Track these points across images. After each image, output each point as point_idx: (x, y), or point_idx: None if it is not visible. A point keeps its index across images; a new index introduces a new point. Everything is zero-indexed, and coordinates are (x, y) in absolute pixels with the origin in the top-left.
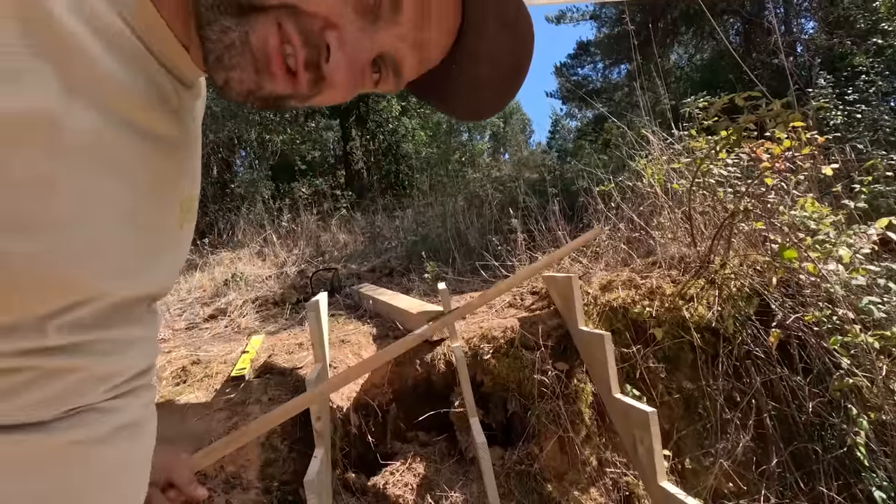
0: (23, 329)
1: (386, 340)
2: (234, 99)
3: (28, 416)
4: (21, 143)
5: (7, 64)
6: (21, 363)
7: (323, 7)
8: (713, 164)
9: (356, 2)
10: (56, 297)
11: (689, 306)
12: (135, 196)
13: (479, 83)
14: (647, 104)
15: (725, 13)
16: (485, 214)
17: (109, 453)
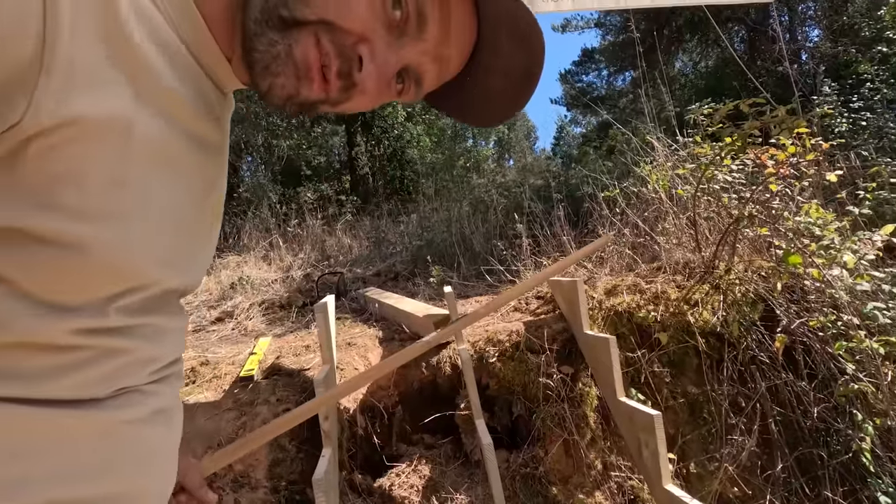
0: (89, 310)
1: (392, 343)
2: (275, 103)
3: (85, 393)
4: (102, 142)
5: (95, 78)
6: (83, 341)
7: (357, 24)
8: (718, 169)
9: (386, 19)
10: (119, 281)
11: (693, 311)
12: (184, 195)
13: (492, 94)
14: (651, 111)
15: (730, 21)
16: (490, 220)
17: (150, 433)
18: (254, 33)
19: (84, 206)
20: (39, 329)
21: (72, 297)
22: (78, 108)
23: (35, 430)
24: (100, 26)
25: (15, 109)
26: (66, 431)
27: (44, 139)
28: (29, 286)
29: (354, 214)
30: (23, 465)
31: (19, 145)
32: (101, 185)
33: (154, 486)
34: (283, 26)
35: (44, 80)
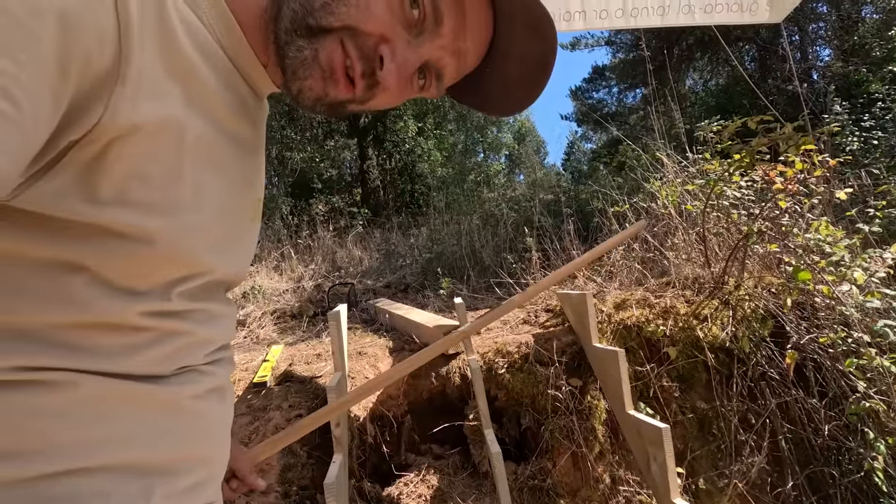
0: (155, 294)
1: (402, 353)
2: (306, 105)
3: (155, 369)
4: (161, 143)
5: (157, 88)
6: (151, 323)
7: (377, 26)
8: (727, 186)
9: (404, 19)
10: (180, 268)
11: (703, 326)
12: (228, 190)
13: (510, 82)
14: (661, 128)
15: (740, 40)
16: (500, 233)
17: (208, 409)
18: (285, 42)
19: (150, 201)
20: (115, 311)
21: (141, 283)
22: (144, 114)
23: (116, 399)
24: (159, 41)
25: (94, 113)
26: (141, 402)
27: (118, 142)
28: (106, 273)
29: (365, 227)
30: (105, 428)
31: (101, 150)
32: (162, 180)
33: (214, 455)
34: (310, 34)
35: (119, 89)
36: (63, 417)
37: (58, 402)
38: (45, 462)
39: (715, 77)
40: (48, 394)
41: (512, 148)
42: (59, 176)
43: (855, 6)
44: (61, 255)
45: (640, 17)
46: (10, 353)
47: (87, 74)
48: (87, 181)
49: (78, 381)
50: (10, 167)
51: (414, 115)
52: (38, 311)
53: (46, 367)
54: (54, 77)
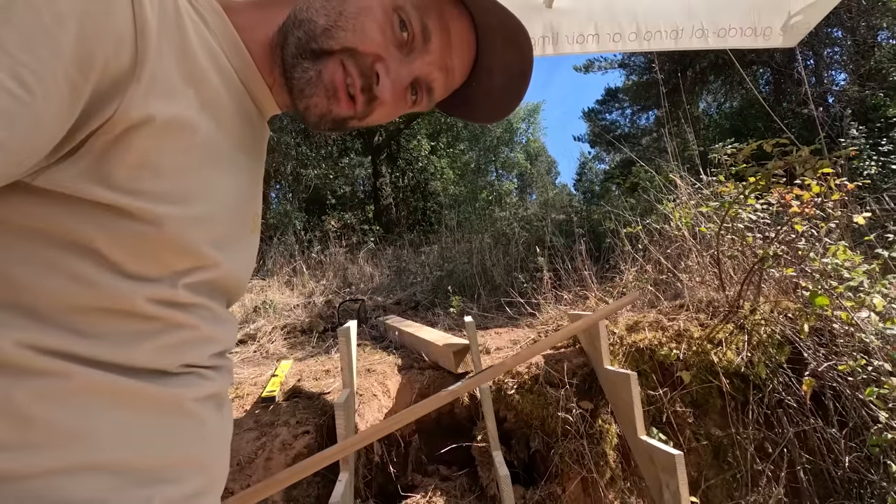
0: (163, 282)
1: (410, 371)
2: (312, 122)
3: (159, 362)
4: (172, 138)
5: (170, 88)
6: (157, 311)
7: (373, 47)
8: (742, 208)
9: (395, 40)
10: (187, 257)
11: (717, 351)
12: (235, 191)
13: (494, 92)
14: (675, 149)
15: (755, 64)
16: (511, 252)
17: (207, 415)
18: (291, 65)
19: (160, 190)
20: (122, 295)
21: (149, 268)
22: (153, 109)
23: (110, 395)
24: (176, 49)
25: (111, 107)
26: (139, 400)
27: (131, 132)
28: (116, 257)
29: (377, 243)
30: (93, 424)
31: (114, 139)
32: (172, 173)
33: (213, 465)
34: (314, 56)
35: (133, 86)
36: (52, 408)
37: (49, 391)
38: (31, 455)
39: (729, 100)
40: (40, 381)
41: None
42: (78, 161)
43: (871, 31)
44: (73, 234)
45: (654, 41)
46: (14, 328)
47: (105, 73)
48: (103, 167)
49: (71, 373)
50: (12, 142)
51: (427, 135)
52: (47, 289)
53: (46, 349)
54: (73, 74)
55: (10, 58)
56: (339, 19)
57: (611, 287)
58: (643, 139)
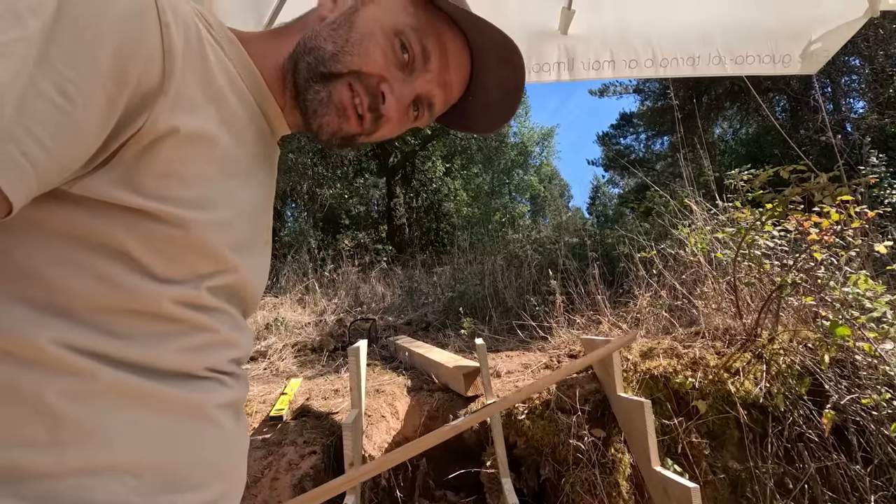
0: (187, 283)
1: (420, 393)
2: (325, 140)
3: (184, 364)
4: (195, 149)
5: (193, 104)
6: (180, 312)
7: (377, 69)
8: (759, 235)
9: (397, 61)
10: (209, 261)
11: (734, 380)
12: (254, 201)
13: (490, 106)
14: (690, 174)
15: (771, 91)
16: (523, 275)
17: (227, 423)
18: (304, 88)
19: (185, 197)
20: (149, 296)
21: (175, 270)
22: (178, 121)
23: (134, 397)
24: (198, 70)
25: (141, 119)
26: (163, 403)
27: (158, 143)
28: (145, 259)
29: (389, 263)
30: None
31: (143, 149)
32: (195, 181)
33: (232, 473)
34: (324, 79)
35: (161, 100)
36: (79, 408)
37: (77, 390)
38: (59, 454)
39: (745, 126)
40: (69, 379)
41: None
42: (111, 170)
43: (889, 60)
44: (105, 237)
45: (671, 67)
46: (49, 327)
47: (137, 88)
48: (133, 176)
49: (98, 374)
50: (55, 149)
51: (442, 156)
52: (80, 290)
53: (78, 348)
54: (110, 88)
55: (56, 73)
56: (345, 45)
57: (625, 312)
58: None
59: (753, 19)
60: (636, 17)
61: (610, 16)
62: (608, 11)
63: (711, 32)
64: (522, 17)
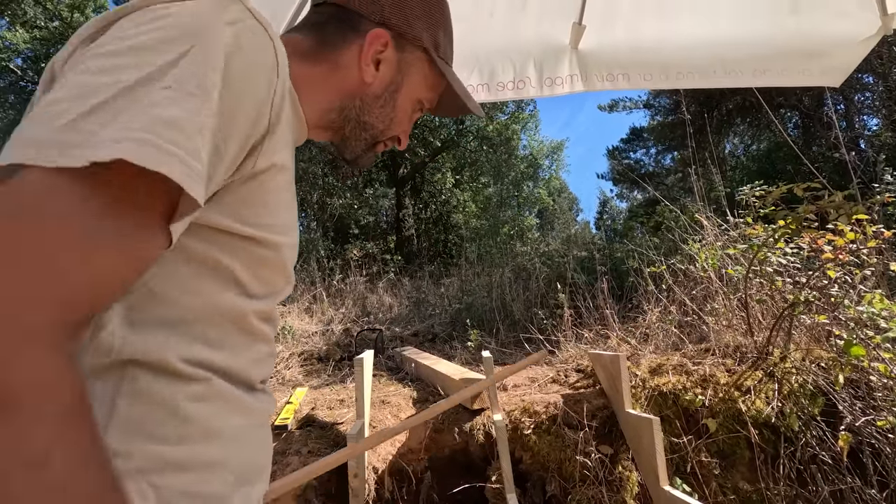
0: (265, 299)
1: (426, 405)
2: (347, 160)
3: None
4: (280, 180)
5: (283, 142)
6: (258, 326)
7: (402, 129)
8: (771, 252)
9: (415, 116)
10: (285, 278)
11: (745, 399)
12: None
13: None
14: (701, 189)
15: (783, 107)
16: (531, 288)
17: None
18: (358, 151)
19: (273, 222)
20: (243, 311)
21: (261, 287)
22: (276, 159)
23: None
24: (285, 117)
25: (252, 159)
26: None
27: (258, 178)
28: (244, 278)
29: (397, 274)
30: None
31: (245, 183)
32: (280, 207)
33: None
34: (372, 146)
35: (268, 141)
36: (201, 409)
37: (199, 393)
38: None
39: (756, 142)
40: (194, 386)
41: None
42: (219, 201)
43: None
44: (215, 260)
45: (686, 79)
46: (178, 345)
47: (254, 137)
48: (237, 205)
49: (210, 380)
50: (209, 184)
51: (451, 168)
52: (196, 308)
53: (196, 361)
54: (243, 142)
55: (213, 133)
56: (390, 123)
57: (633, 327)
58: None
59: (768, 36)
60: (649, 30)
61: (622, 30)
62: (620, 26)
63: (727, 46)
64: (535, 31)
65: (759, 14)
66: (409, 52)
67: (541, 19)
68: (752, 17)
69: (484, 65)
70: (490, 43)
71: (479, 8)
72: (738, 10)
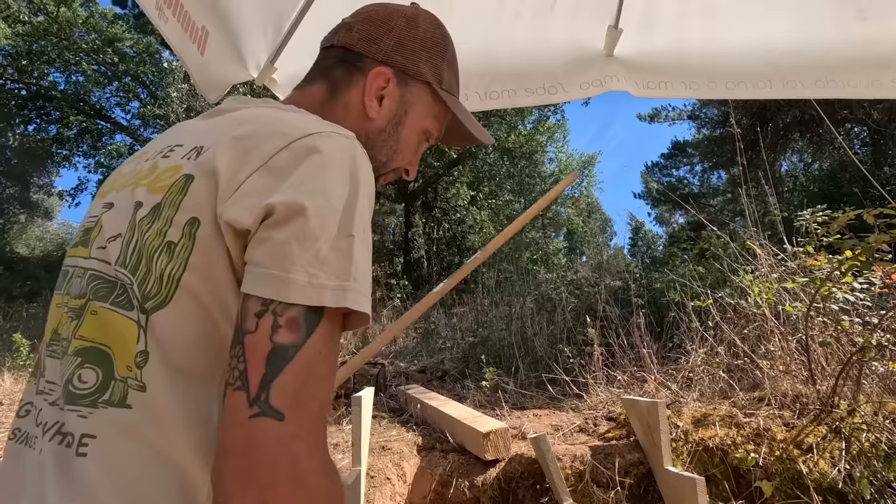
0: None
1: (431, 453)
2: None
3: None
4: None
5: None
6: None
7: (408, 161)
8: (836, 287)
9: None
10: None
11: (806, 459)
12: None
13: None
14: (753, 213)
15: (848, 121)
16: (556, 321)
17: None
18: None
19: None
20: None
21: None
22: None
23: None
24: None
25: None
26: None
27: None
28: None
29: (404, 300)
30: None
31: None
32: None
33: None
34: (376, 179)
35: None
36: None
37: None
38: None
39: (818, 160)
40: None
41: (575, 225)
42: None
43: None
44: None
45: (738, 90)
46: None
47: None
48: None
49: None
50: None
51: (468, 182)
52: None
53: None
54: None
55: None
56: (394, 156)
57: (674, 369)
58: (714, 200)
59: (831, 43)
60: (694, 35)
61: (664, 34)
62: (662, 29)
63: (783, 54)
64: (566, 34)
65: (820, 19)
66: (413, 86)
67: (573, 22)
68: (812, 21)
69: (509, 69)
70: (516, 46)
71: (502, 9)
72: (796, 14)
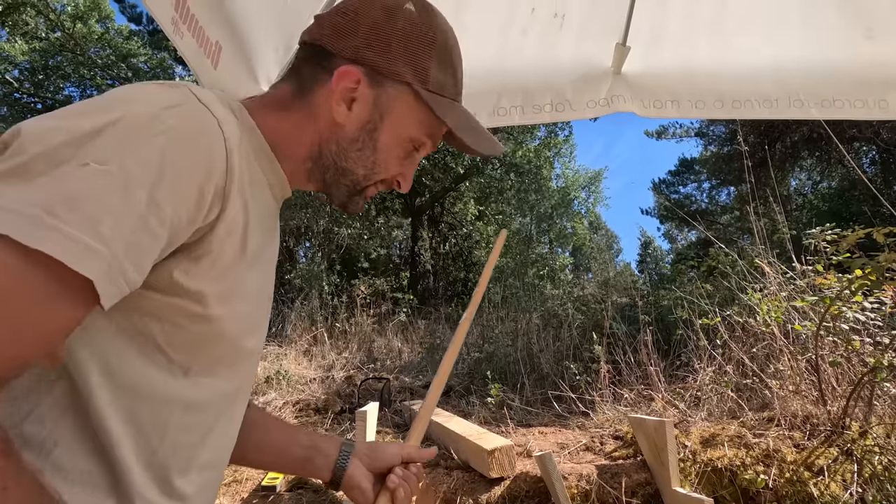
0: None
1: (435, 470)
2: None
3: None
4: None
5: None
6: None
7: (396, 173)
8: (846, 306)
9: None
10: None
11: (817, 481)
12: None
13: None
14: (761, 231)
15: (856, 140)
16: (563, 337)
17: None
18: (344, 199)
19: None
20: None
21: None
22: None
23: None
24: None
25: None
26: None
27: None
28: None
29: (409, 315)
30: None
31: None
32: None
33: None
34: (359, 192)
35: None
36: None
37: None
38: None
39: (826, 179)
40: None
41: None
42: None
43: None
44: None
45: (744, 109)
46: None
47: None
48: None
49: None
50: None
51: (475, 198)
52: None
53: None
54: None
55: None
56: (373, 167)
57: (682, 388)
58: (722, 217)
59: (839, 63)
60: (702, 53)
61: (671, 53)
62: (669, 48)
63: (790, 74)
64: (574, 51)
65: (827, 39)
66: (389, 88)
67: (580, 39)
68: (819, 42)
69: (517, 86)
70: (523, 63)
71: (510, 25)
72: (803, 33)
